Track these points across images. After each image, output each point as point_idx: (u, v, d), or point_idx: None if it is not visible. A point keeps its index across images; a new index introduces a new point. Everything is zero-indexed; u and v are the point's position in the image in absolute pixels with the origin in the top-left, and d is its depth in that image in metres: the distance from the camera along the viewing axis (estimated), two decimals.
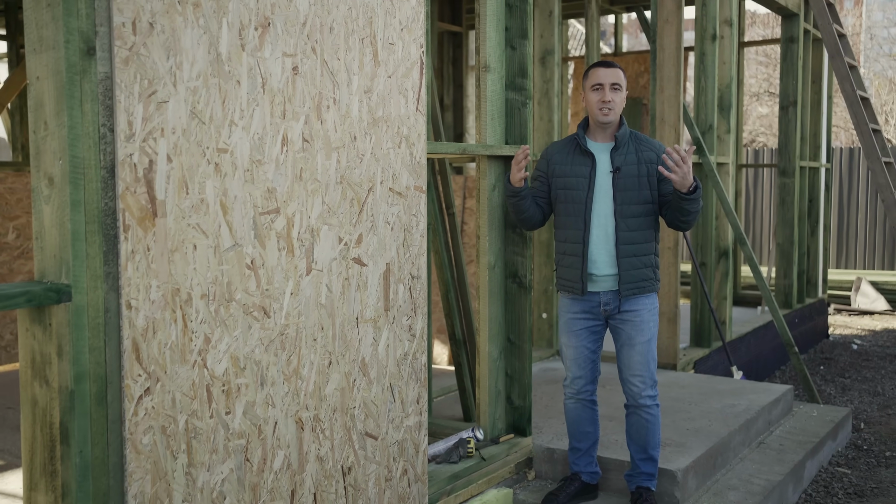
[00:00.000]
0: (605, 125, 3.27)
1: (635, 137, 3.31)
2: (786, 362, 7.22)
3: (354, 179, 2.72)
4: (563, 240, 3.33)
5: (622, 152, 3.26)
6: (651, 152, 3.28)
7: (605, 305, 3.29)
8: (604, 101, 3.22)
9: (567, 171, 3.29)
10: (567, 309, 3.37)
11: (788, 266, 7.46)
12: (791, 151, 7.33)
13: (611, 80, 3.23)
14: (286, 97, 2.46)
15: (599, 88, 3.24)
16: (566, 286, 3.33)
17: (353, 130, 2.71)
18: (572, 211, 3.27)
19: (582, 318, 3.33)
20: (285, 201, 2.47)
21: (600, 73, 3.25)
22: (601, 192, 3.24)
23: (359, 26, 2.71)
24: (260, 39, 2.37)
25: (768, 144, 20.31)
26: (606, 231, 3.23)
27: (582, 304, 3.31)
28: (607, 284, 3.27)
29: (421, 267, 3.04)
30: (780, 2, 6.68)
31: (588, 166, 3.26)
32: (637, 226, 3.24)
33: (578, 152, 3.30)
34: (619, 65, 3.34)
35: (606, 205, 3.23)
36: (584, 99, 3.31)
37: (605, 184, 3.24)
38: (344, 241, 2.69)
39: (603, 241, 3.24)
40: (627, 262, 3.23)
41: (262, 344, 2.42)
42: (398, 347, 2.95)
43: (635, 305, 3.28)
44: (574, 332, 3.35)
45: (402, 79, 2.90)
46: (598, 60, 3.31)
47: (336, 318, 2.68)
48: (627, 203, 3.22)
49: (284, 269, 2.48)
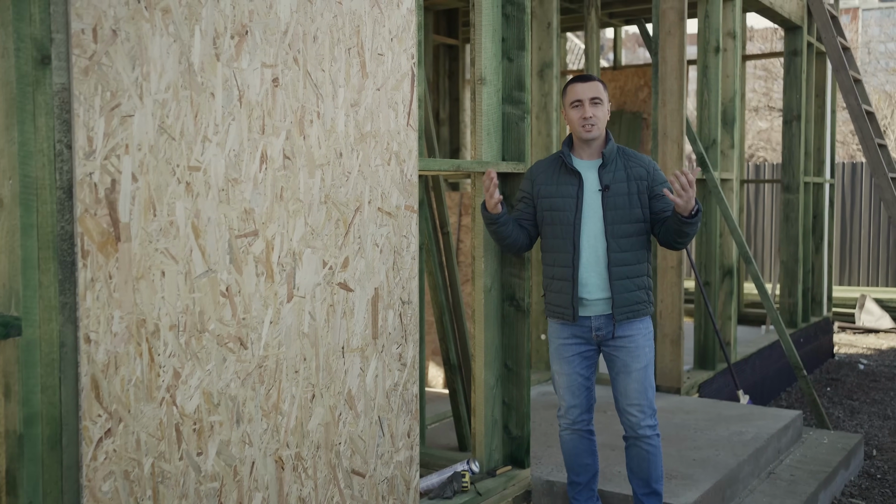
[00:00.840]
0: (589, 142, 3.10)
1: (623, 153, 3.14)
2: (791, 384, 7.03)
3: (340, 199, 2.54)
4: (552, 263, 3.15)
5: (610, 169, 3.09)
6: (640, 168, 3.11)
7: (598, 331, 3.10)
8: (585, 117, 3.05)
9: (552, 191, 3.12)
10: (557, 334, 3.18)
11: (793, 284, 7.28)
12: (795, 167, 7.17)
13: (590, 95, 3.06)
14: (265, 111, 2.28)
15: (579, 105, 3.07)
16: (556, 312, 3.15)
17: (339, 146, 2.53)
18: (560, 233, 3.09)
19: (573, 343, 3.15)
20: (264, 223, 2.29)
21: (578, 88, 3.08)
22: (590, 212, 3.06)
23: (345, 35, 2.54)
24: (237, 49, 2.19)
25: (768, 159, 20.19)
26: (597, 252, 3.06)
27: (573, 328, 3.13)
28: (599, 308, 3.09)
29: (412, 291, 2.86)
30: (783, 14, 6.53)
31: (575, 185, 3.08)
32: (629, 246, 3.06)
33: (564, 171, 3.12)
34: (601, 78, 3.19)
35: (596, 225, 3.06)
36: (565, 117, 3.14)
37: (594, 203, 3.07)
38: (329, 265, 2.51)
39: (593, 263, 3.06)
40: (620, 284, 3.05)
41: (238, 377, 2.23)
42: (387, 378, 2.76)
43: (629, 330, 3.10)
44: (566, 359, 3.16)
45: (391, 91, 2.72)
46: (577, 75, 3.14)
47: (320, 347, 2.49)
48: (618, 222, 3.05)
49: (263, 296, 2.30)
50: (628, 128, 8.69)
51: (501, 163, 3.43)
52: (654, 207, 3.09)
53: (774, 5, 6.31)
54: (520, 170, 3.48)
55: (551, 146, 5.22)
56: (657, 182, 3.10)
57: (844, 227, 12.14)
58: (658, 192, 3.09)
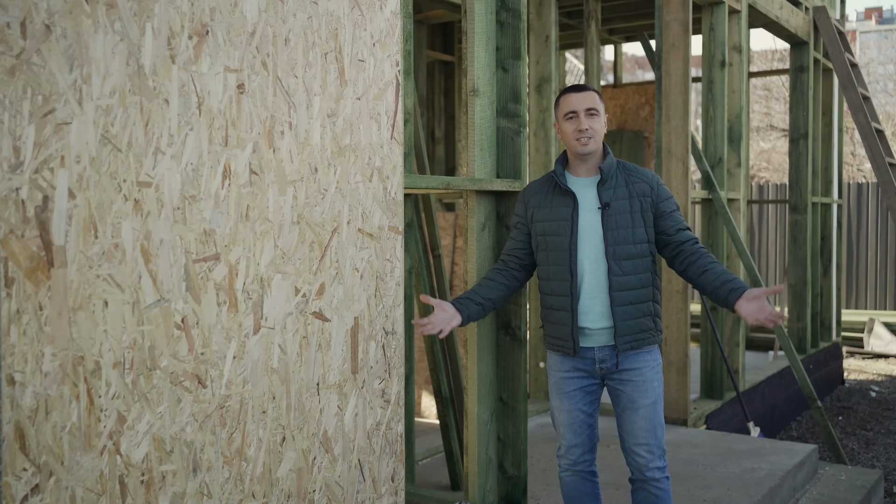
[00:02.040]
0: (585, 157, 2.84)
1: (623, 168, 2.88)
2: (802, 412, 6.75)
3: (315, 219, 2.30)
4: (549, 292, 2.88)
5: (610, 186, 2.83)
6: (643, 183, 2.85)
7: (601, 363, 2.83)
8: (580, 129, 2.79)
9: (546, 214, 2.85)
10: (557, 367, 2.91)
11: (801, 308, 7.02)
12: (802, 186, 6.93)
13: (585, 106, 2.80)
14: (229, 120, 2.04)
15: (573, 116, 2.81)
16: (555, 344, 2.88)
17: (314, 161, 2.29)
18: (555, 259, 2.83)
19: (575, 376, 2.87)
20: (227, 245, 2.04)
21: (572, 99, 2.82)
22: (588, 234, 2.80)
23: (321, 39, 2.30)
24: (195, 50, 1.95)
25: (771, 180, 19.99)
26: (598, 277, 2.79)
27: (574, 361, 2.86)
28: (602, 339, 2.82)
29: (396, 320, 2.60)
30: (789, 29, 6.33)
31: (570, 207, 2.81)
32: (632, 269, 2.80)
33: (558, 192, 2.85)
34: (595, 88, 2.92)
35: (596, 247, 2.79)
36: (559, 131, 2.89)
37: (593, 223, 2.80)
38: (302, 293, 2.26)
39: (595, 289, 2.80)
40: (623, 311, 2.79)
41: (195, 420, 1.97)
42: (369, 416, 2.50)
43: (635, 363, 2.83)
44: (566, 394, 2.89)
45: (373, 101, 2.49)
46: (571, 86, 2.89)
47: (291, 384, 2.24)
48: (620, 243, 2.79)
49: (225, 327, 2.04)
50: (629, 147, 8.47)
51: (496, 180, 3.19)
52: (661, 227, 2.84)
53: (780, 19, 6.10)
54: (515, 188, 3.23)
55: (549, 164, 4.99)
56: (662, 198, 2.85)
57: (851, 248, 11.89)
58: (665, 210, 2.84)
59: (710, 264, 2.81)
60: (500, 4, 3.25)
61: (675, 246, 2.85)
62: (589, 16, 5.45)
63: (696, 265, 2.83)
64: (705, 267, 2.81)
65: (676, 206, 2.90)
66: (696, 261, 2.83)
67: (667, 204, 2.85)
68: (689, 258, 2.85)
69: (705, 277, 2.81)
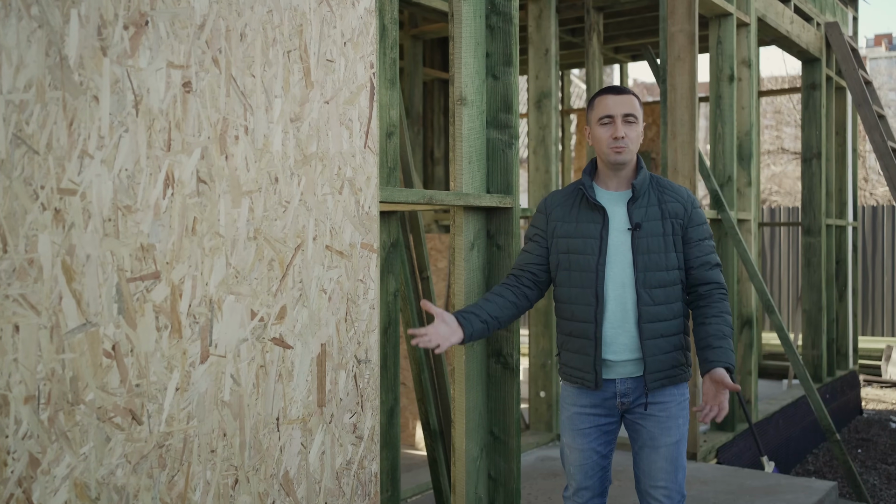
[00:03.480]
0: (618, 167, 2.55)
1: (657, 184, 2.58)
2: (818, 444, 6.43)
3: (275, 234, 2.06)
4: (569, 317, 2.58)
5: (642, 204, 2.53)
6: (677, 203, 2.55)
7: (623, 397, 2.55)
8: (616, 136, 2.49)
9: (571, 230, 2.56)
10: (572, 401, 2.62)
11: (816, 335, 6.73)
12: (816, 208, 6.67)
13: (623, 111, 2.51)
14: (173, 122, 1.81)
15: (609, 122, 2.51)
16: (573, 376, 2.59)
17: (275, 170, 2.06)
18: (579, 281, 2.53)
19: (592, 413, 2.58)
20: (169, 262, 1.81)
21: (609, 101, 2.53)
22: (617, 257, 2.51)
23: (283, 35, 2.08)
24: (132, 42, 1.73)
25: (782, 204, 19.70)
26: (625, 306, 2.50)
27: (593, 396, 2.57)
28: (626, 370, 2.53)
29: (370, 347, 2.36)
30: (800, 44, 6.10)
31: (599, 224, 2.52)
32: (664, 298, 2.51)
33: (585, 206, 2.56)
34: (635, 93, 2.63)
35: (624, 272, 2.50)
36: (590, 136, 2.60)
37: (622, 245, 2.51)
38: (259, 316, 2.02)
39: (620, 319, 2.51)
40: (654, 345, 2.49)
41: (127, 462, 1.73)
42: (338, 454, 2.25)
43: (660, 397, 2.54)
44: (580, 432, 2.60)
45: (344, 106, 2.26)
46: (608, 87, 2.60)
47: (246, 419, 1.99)
48: (651, 269, 2.49)
49: (166, 355, 1.80)
50: None
51: (485, 195, 2.95)
52: (687, 254, 2.55)
53: (791, 34, 5.88)
54: (507, 203, 3.00)
55: (550, 183, 4.75)
56: (694, 223, 2.55)
57: (867, 273, 11.57)
58: (693, 238, 2.55)
59: (710, 318, 2.53)
60: (490, 7, 3.04)
61: (692, 282, 2.57)
62: (591, 28, 5.24)
63: (697, 313, 2.58)
64: (703, 320, 2.55)
65: (708, 234, 2.59)
66: (701, 308, 2.57)
67: (696, 231, 2.56)
68: (696, 301, 2.58)
69: (696, 331, 2.56)
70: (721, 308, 2.54)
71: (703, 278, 2.55)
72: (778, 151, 19.63)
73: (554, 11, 4.79)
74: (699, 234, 2.56)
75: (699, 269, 2.55)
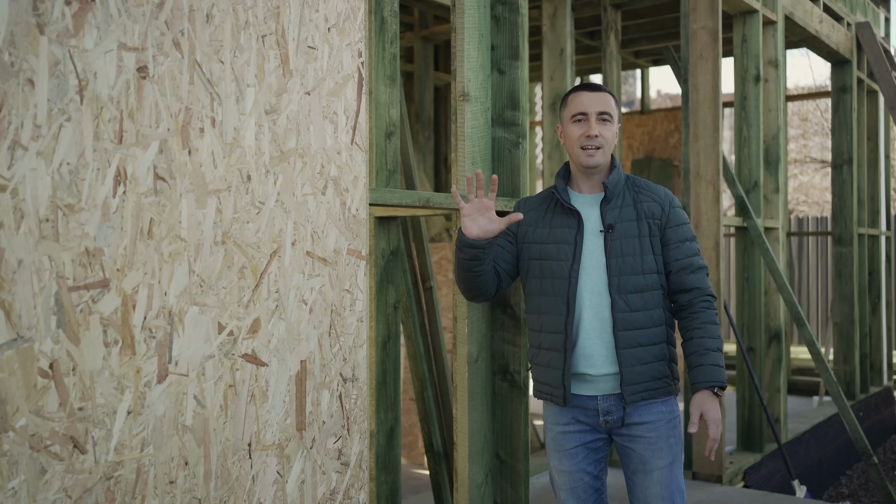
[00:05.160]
0: (590, 170, 2.36)
1: (633, 184, 2.39)
2: (852, 465, 6.11)
3: (247, 238, 1.85)
4: (537, 328, 2.37)
5: (615, 205, 2.34)
6: (653, 203, 2.35)
7: (606, 415, 2.32)
8: (588, 135, 2.31)
9: (544, 235, 2.37)
10: (554, 420, 2.40)
11: (849, 349, 6.41)
12: (847, 216, 6.36)
13: (598, 108, 2.32)
14: (125, 111, 1.61)
15: (583, 119, 2.32)
16: (544, 391, 2.39)
17: (247, 167, 1.85)
18: (550, 289, 2.33)
19: (576, 430, 2.36)
20: (120, 269, 1.60)
21: (583, 98, 2.34)
22: (591, 261, 2.31)
23: (257, 18, 1.88)
24: (76, 20, 1.54)
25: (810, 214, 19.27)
26: (600, 314, 2.29)
27: (574, 412, 2.35)
28: (609, 386, 2.31)
29: (358, 364, 2.14)
30: (830, 45, 5.83)
31: (573, 228, 2.33)
32: (641, 304, 2.29)
33: (560, 210, 2.37)
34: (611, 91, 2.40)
35: (600, 278, 2.30)
36: (562, 135, 2.41)
37: (596, 249, 2.31)
38: (228, 330, 1.81)
39: (596, 328, 2.30)
40: (631, 354, 2.28)
41: (67, 496, 1.52)
42: (320, 483, 2.02)
43: (647, 415, 2.32)
44: (566, 452, 2.37)
45: (328, 97, 2.05)
46: (582, 83, 2.38)
47: (212, 445, 1.77)
48: (626, 273, 2.29)
49: (116, 374, 1.60)
50: (658, 176, 7.98)
51: None
52: (666, 257, 2.34)
53: (821, 34, 5.62)
54: (512, 208, 2.77)
55: None
56: (673, 223, 2.34)
57: None
58: (671, 239, 2.33)
59: (692, 331, 2.30)
60: None
61: (673, 288, 2.34)
62: (608, 26, 5.01)
63: (681, 326, 2.35)
64: (685, 334, 2.32)
65: (690, 236, 2.37)
66: (683, 320, 2.34)
67: (675, 232, 2.34)
68: (679, 313, 2.35)
69: (684, 346, 2.33)
70: (704, 318, 2.31)
71: (683, 284, 2.32)
72: (805, 160, 19.23)
73: (569, 10, 4.57)
74: (679, 236, 2.34)
75: (679, 273, 2.32)
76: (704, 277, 2.35)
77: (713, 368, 2.26)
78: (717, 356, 2.28)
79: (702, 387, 2.26)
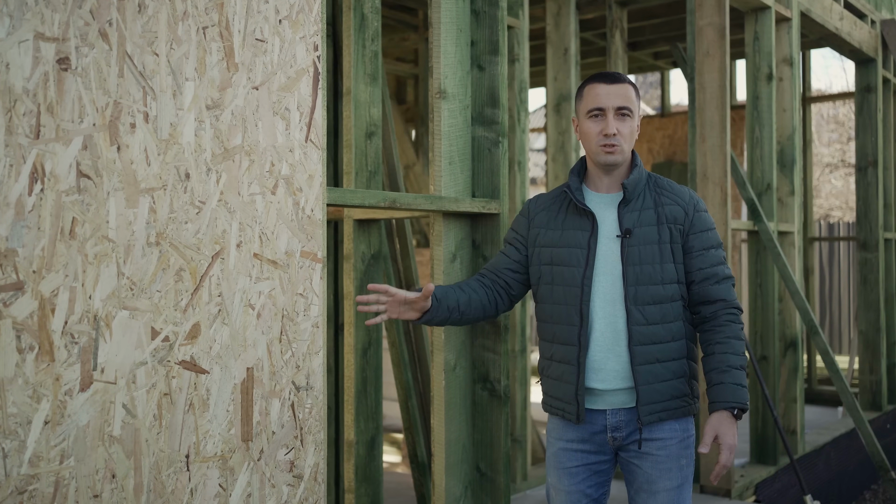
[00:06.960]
0: (608, 168, 2.19)
1: (655, 185, 2.21)
2: (877, 480, 5.87)
3: (186, 239, 1.76)
4: (550, 339, 2.23)
5: (635, 207, 2.17)
6: (676, 207, 2.18)
7: (615, 431, 2.17)
8: (606, 133, 2.14)
9: (555, 238, 2.21)
10: (557, 435, 2.25)
11: (874, 358, 6.17)
12: (872, 220, 6.13)
13: (617, 103, 2.14)
14: (43, 104, 1.53)
15: (599, 115, 2.16)
16: (554, 406, 2.24)
17: (185, 164, 1.76)
18: (562, 297, 2.18)
19: (579, 450, 2.22)
20: (36, 271, 1.52)
21: (601, 91, 2.16)
22: (605, 268, 2.15)
23: (197, 9, 1.79)
24: None
25: (844, 219, 18.83)
26: (614, 326, 2.14)
27: (580, 430, 2.21)
28: (617, 401, 2.16)
29: (313, 372, 2.04)
30: (852, 43, 5.63)
31: (586, 231, 2.17)
32: (660, 316, 2.13)
33: (573, 211, 2.21)
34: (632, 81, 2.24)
35: (614, 286, 2.14)
36: (578, 131, 2.24)
37: (612, 255, 2.15)
38: (163, 335, 1.72)
39: (609, 341, 2.14)
40: (648, 371, 2.12)
41: None
42: (269, 497, 1.93)
43: (659, 432, 2.16)
44: (567, 471, 2.23)
45: (279, 93, 1.96)
46: (599, 73, 2.22)
47: (144, 457, 1.68)
48: (644, 283, 2.13)
49: (31, 382, 1.51)
50: (678, 181, 7.79)
51: (467, 200, 2.61)
52: (688, 266, 2.18)
53: (841, 32, 5.42)
54: (492, 209, 2.66)
55: None
56: (697, 229, 2.17)
57: None
58: (694, 247, 2.17)
59: (714, 346, 2.16)
60: None
61: (695, 300, 2.19)
62: (613, 24, 4.87)
63: (702, 339, 2.21)
64: (706, 349, 2.19)
65: (716, 243, 2.20)
66: (705, 333, 2.20)
67: (699, 238, 2.18)
68: (701, 325, 2.21)
69: (705, 361, 2.19)
70: (728, 332, 2.15)
71: (706, 295, 2.16)
72: (841, 164, 18.80)
73: (574, 8, 4.45)
74: (703, 243, 2.17)
75: (702, 283, 2.16)
76: (730, 288, 2.19)
77: (735, 388, 2.10)
78: (739, 374, 2.12)
79: (720, 406, 2.10)
